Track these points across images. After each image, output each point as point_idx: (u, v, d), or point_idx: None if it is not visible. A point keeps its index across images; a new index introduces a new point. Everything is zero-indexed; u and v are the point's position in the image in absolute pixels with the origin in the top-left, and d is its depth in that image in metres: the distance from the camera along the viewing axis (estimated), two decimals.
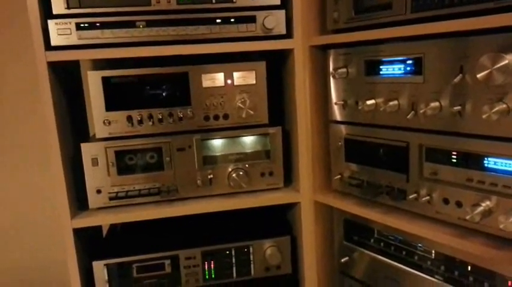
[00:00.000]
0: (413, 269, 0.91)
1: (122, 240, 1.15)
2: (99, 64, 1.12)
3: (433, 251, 0.87)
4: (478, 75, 0.67)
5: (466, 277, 0.80)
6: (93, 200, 1.01)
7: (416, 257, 0.91)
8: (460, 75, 0.73)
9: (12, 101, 1.42)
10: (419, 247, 0.91)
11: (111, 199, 1.01)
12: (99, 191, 1.01)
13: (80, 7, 0.90)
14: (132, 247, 1.08)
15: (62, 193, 0.96)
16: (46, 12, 0.90)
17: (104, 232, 1.25)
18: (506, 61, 0.65)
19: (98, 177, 1.00)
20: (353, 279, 1.06)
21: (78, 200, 1.03)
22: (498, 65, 0.65)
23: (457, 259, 0.81)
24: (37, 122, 1.41)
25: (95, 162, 0.99)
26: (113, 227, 1.22)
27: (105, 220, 1.01)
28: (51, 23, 0.89)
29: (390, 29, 0.82)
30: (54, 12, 0.90)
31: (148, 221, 1.02)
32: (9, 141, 1.45)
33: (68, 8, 0.90)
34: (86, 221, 0.99)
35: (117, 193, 1.01)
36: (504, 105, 0.67)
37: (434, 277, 0.87)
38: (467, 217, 0.74)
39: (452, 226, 0.80)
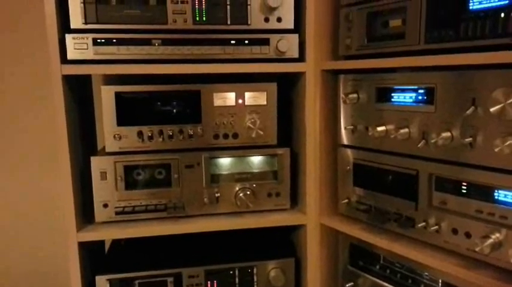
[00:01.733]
0: None
1: (125, 255, 1.14)
2: (111, 79, 1.13)
3: (440, 281, 0.87)
4: (491, 109, 0.68)
5: None
6: (99, 213, 1.01)
7: (422, 286, 0.90)
8: (473, 107, 0.73)
9: (14, 105, 1.43)
10: (426, 275, 0.90)
11: (117, 213, 1.01)
12: (105, 205, 1.01)
13: (98, 23, 0.92)
14: (136, 262, 1.07)
15: (69, 206, 0.96)
16: (63, 26, 0.91)
17: (107, 246, 1.24)
18: None
19: (105, 191, 1.00)
20: None
21: (84, 213, 1.02)
22: (511, 100, 0.66)
23: None
24: (44, 133, 1.41)
25: (103, 176, 0.99)
26: (116, 241, 1.22)
27: (110, 235, 1.01)
28: (68, 37, 0.91)
29: (403, 58, 0.83)
30: (72, 26, 0.91)
31: (153, 237, 1.02)
32: (14, 148, 1.45)
33: (86, 23, 0.91)
34: (91, 235, 0.99)
35: (123, 207, 1.01)
36: None
37: None
38: (477, 249, 0.74)
39: (460, 256, 0.80)
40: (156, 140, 1.01)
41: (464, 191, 0.79)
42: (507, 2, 0.68)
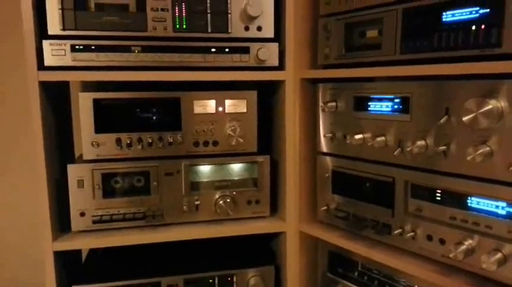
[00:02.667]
0: None
1: (103, 265, 1.12)
2: (89, 85, 1.12)
3: None
4: (464, 119, 0.70)
5: None
6: (76, 222, 0.99)
7: None
8: (446, 116, 0.75)
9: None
10: (403, 281, 0.91)
11: (94, 222, 0.99)
12: (82, 214, 0.99)
13: (76, 29, 0.91)
14: (113, 272, 1.05)
15: (44, 214, 0.94)
16: (41, 32, 0.90)
17: (84, 255, 1.22)
18: (490, 106, 0.68)
19: (82, 199, 0.98)
20: None
21: (60, 222, 1.00)
22: (483, 110, 0.68)
23: None
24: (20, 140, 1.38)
25: (80, 184, 0.98)
26: (93, 250, 1.19)
27: (87, 244, 0.99)
28: (45, 43, 0.89)
29: (380, 68, 0.85)
30: (50, 32, 0.90)
31: (131, 246, 1.00)
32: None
33: (64, 29, 0.90)
34: (67, 244, 0.97)
35: (101, 216, 1.00)
36: (487, 148, 0.70)
37: None
38: (451, 255, 0.75)
39: (435, 262, 0.81)
40: (135, 148, 1.00)
41: (439, 198, 0.81)
42: (477, 15, 0.70)
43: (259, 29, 0.99)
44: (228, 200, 1.05)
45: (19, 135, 1.40)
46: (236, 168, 1.08)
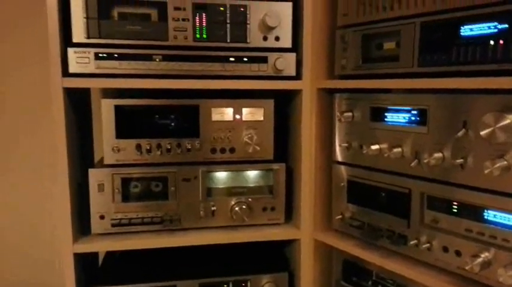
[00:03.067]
0: None
1: (120, 267, 1.14)
2: (109, 92, 1.15)
3: None
4: (482, 133, 0.70)
5: None
6: (96, 225, 1.01)
7: None
8: (463, 130, 0.76)
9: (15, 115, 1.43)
10: None
11: (113, 225, 1.02)
12: (102, 217, 1.02)
13: (100, 37, 0.94)
14: (130, 274, 1.07)
15: (65, 217, 0.97)
16: (65, 40, 0.93)
17: (100, 257, 1.24)
18: (508, 121, 0.68)
19: (102, 203, 1.01)
20: None
21: (79, 225, 1.03)
22: (500, 124, 0.69)
23: None
24: (42, 144, 1.41)
25: (101, 188, 1.00)
26: (110, 253, 1.22)
27: (106, 247, 1.01)
28: (70, 51, 0.92)
29: (397, 80, 0.86)
30: (74, 40, 0.93)
31: (148, 249, 1.03)
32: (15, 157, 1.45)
33: (88, 37, 0.93)
34: (87, 246, 0.99)
35: (120, 219, 1.02)
36: (505, 162, 0.70)
37: None
38: (467, 267, 0.76)
39: (451, 274, 0.82)
40: (154, 153, 1.02)
41: (455, 210, 0.81)
42: (496, 30, 0.71)
43: (277, 39, 1.01)
44: (244, 206, 1.06)
45: (19, 135, 1.42)
46: (252, 175, 1.09)
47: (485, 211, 0.76)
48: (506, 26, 0.69)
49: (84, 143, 1.14)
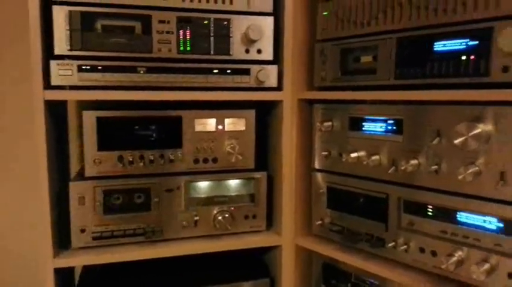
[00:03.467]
0: None
1: (99, 282, 1.12)
2: (89, 103, 1.13)
3: None
4: (456, 141, 0.76)
5: None
6: (76, 239, 0.99)
7: None
8: (438, 138, 0.82)
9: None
10: None
11: (94, 238, 1.00)
12: (83, 231, 1.00)
13: (82, 50, 0.93)
14: None
15: (46, 231, 0.94)
16: (48, 52, 0.91)
17: (77, 272, 1.21)
18: (479, 130, 0.75)
19: (83, 216, 0.99)
20: None
21: (59, 239, 1.00)
22: (472, 133, 0.75)
23: None
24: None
25: (81, 201, 0.99)
26: (87, 267, 1.19)
27: (88, 260, 0.99)
28: (53, 63, 0.91)
29: (375, 92, 0.91)
30: (56, 52, 0.91)
31: (128, 261, 1.01)
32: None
33: (71, 49, 0.92)
34: (68, 261, 0.97)
35: (101, 232, 1.01)
36: (477, 168, 0.76)
37: None
38: (443, 266, 0.81)
39: (427, 273, 0.87)
40: (136, 165, 1.02)
41: (430, 213, 0.87)
42: (467, 46, 0.78)
43: (259, 51, 1.04)
44: (227, 215, 1.08)
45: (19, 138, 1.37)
46: (234, 184, 1.11)
47: (458, 213, 0.83)
48: (477, 42, 0.76)
49: (62, 154, 1.12)
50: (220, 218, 1.08)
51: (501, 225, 0.77)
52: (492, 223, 0.78)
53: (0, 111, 1.34)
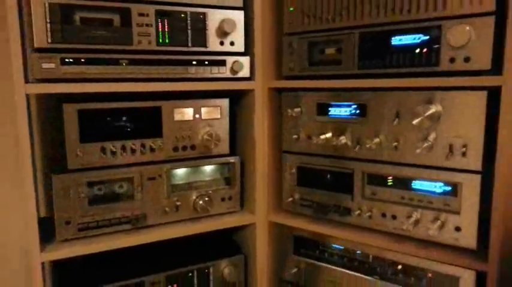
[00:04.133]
0: (353, 272, 1.11)
1: (87, 269, 1.13)
2: (64, 95, 1.12)
3: (371, 255, 1.09)
4: (414, 122, 0.92)
5: (397, 274, 1.03)
6: (61, 231, 1.00)
7: (356, 263, 1.12)
8: (397, 119, 0.97)
9: None
10: (358, 253, 1.12)
11: (80, 229, 1.02)
12: (68, 223, 1.01)
13: (63, 42, 0.93)
14: (97, 276, 1.08)
15: (32, 225, 0.94)
16: (30, 45, 0.90)
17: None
18: (433, 110, 0.91)
19: (68, 208, 1.00)
20: None
21: (45, 233, 1.01)
22: (427, 114, 0.91)
23: (390, 260, 1.04)
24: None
25: (66, 194, 1.00)
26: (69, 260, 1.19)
27: (74, 252, 1.00)
28: (34, 56, 0.90)
29: (341, 80, 1.04)
30: (36, 45, 0.91)
31: (109, 251, 1.04)
32: None
33: (52, 42, 0.92)
34: (55, 254, 0.98)
35: (88, 223, 1.02)
36: (430, 143, 0.92)
37: (372, 277, 1.08)
38: (404, 227, 0.97)
39: (389, 234, 1.03)
40: (118, 155, 1.05)
41: (390, 183, 1.03)
42: (420, 41, 0.93)
43: (232, 44, 1.11)
44: (207, 199, 1.15)
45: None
46: (210, 169, 1.18)
47: (413, 181, 0.99)
48: (428, 37, 0.91)
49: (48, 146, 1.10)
50: (201, 202, 1.15)
51: (448, 188, 0.94)
52: (441, 187, 0.95)
53: None
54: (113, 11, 0.97)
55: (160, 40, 1.03)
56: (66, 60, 0.93)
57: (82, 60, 0.94)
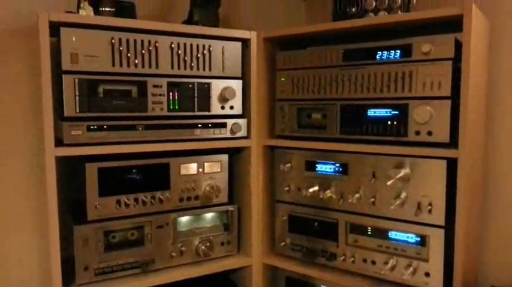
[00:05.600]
0: None
1: None
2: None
3: None
4: (388, 183, 1.08)
5: None
6: (80, 276, 1.13)
7: None
8: (373, 178, 1.14)
9: None
10: None
11: (97, 274, 1.15)
12: (86, 268, 1.14)
13: (89, 112, 1.09)
14: None
15: (56, 270, 1.07)
16: (59, 114, 1.06)
17: None
18: (402, 173, 1.07)
19: (86, 255, 1.13)
20: None
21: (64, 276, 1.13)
22: (398, 176, 1.07)
23: None
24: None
25: (85, 242, 1.13)
26: None
27: None
28: (65, 125, 1.06)
29: (326, 143, 1.21)
30: (66, 114, 1.06)
31: None
32: None
33: (80, 112, 1.07)
34: None
35: (103, 268, 1.15)
36: (401, 200, 1.09)
37: None
38: (382, 272, 1.12)
39: (370, 278, 1.18)
40: (131, 207, 1.19)
41: (369, 233, 1.18)
42: (391, 114, 1.10)
43: (231, 107, 1.28)
44: (208, 243, 1.29)
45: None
46: (211, 216, 1.33)
47: (390, 232, 1.14)
48: (397, 112, 1.09)
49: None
50: (203, 247, 1.28)
51: (419, 239, 1.10)
52: (413, 238, 1.11)
53: None
54: (131, 83, 1.14)
55: (171, 107, 1.19)
56: (91, 127, 1.08)
57: (104, 127, 1.10)
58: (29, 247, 1.33)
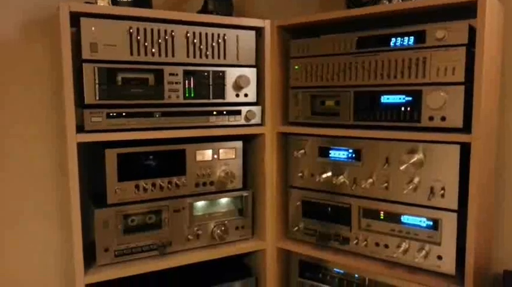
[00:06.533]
0: None
1: None
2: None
3: (367, 279, 1.26)
4: (401, 168, 1.10)
5: None
6: (101, 257, 1.18)
7: (354, 285, 1.29)
8: (386, 164, 1.15)
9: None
10: (356, 277, 1.29)
11: (116, 256, 1.19)
12: (106, 250, 1.18)
13: (108, 99, 1.12)
14: None
15: (78, 251, 1.12)
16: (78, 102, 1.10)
17: None
18: (415, 159, 1.09)
19: (106, 237, 1.17)
20: None
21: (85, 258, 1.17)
22: (411, 161, 1.09)
23: (383, 283, 1.21)
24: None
25: (106, 225, 1.17)
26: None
27: (113, 275, 1.17)
28: (86, 112, 1.09)
29: (339, 129, 1.22)
30: (86, 102, 1.10)
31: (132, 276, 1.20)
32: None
33: (99, 99, 1.11)
34: (96, 276, 1.15)
35: (123, 250, 1.20)
36: (414, 185, 1.10)
37: None
38: (394, 255, 1.14)
39: (382, 261, 1.20)
40: (149, 191, 1.23)
41: (382, 217, 1.20)
42: (404, 100, 1.11)
43: (246, 95, 1.30)
44: (223, 228, 1.33)
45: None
46: (226, 201, 1.36)
47: (402, 216, 1.16)
48: (411, 98, 1.10)
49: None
50: (218, 231, 1.32)
51: (431, 223, 1.11)
52: (425, 222, 1.12)
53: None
54: (149, 71, 1.16)
55: (187, 94, 1.22)
56: (111, 114, 1.11)
57: (123, 114, 1.13)
58: (52, 231, 1.38)
